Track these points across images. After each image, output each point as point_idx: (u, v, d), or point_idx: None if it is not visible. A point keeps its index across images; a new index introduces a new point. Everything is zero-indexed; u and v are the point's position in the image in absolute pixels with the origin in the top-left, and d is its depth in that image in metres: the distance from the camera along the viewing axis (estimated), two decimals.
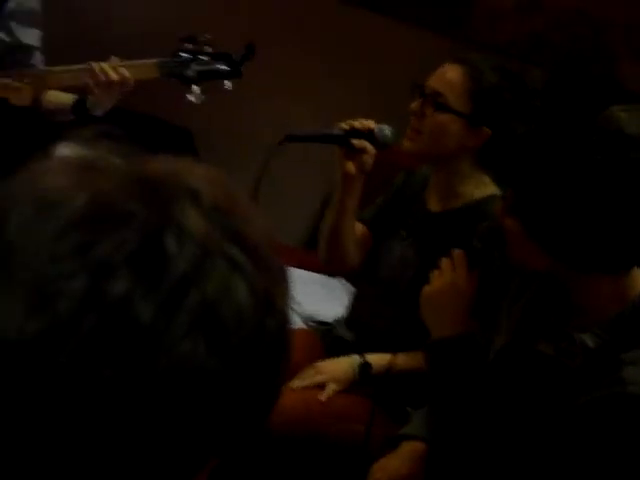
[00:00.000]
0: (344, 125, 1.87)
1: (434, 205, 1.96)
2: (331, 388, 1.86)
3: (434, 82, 1.84)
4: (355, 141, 1.86)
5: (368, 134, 1.86)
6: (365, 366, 1.89)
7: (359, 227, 2.03)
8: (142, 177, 0.53)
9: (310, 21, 3.23)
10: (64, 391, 0.47)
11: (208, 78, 1.94)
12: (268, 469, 1.81)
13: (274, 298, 0.53)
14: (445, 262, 1.57)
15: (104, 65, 1.92)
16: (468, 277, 1.54)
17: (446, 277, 1.55)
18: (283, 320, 0.55)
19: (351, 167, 1.88)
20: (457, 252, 1.57)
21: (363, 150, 1.86)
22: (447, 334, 1.51)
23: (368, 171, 1.90)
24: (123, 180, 0.52)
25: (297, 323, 2.37)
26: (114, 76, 1.91)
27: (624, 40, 3.17)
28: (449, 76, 1.83)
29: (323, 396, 1.85)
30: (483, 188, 1.88)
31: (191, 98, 1.94)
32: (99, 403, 0.48)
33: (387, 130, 1.89)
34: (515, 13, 3.23)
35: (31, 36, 2.14)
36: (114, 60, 1.94)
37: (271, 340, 0.53)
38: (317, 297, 2.51)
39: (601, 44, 2.96)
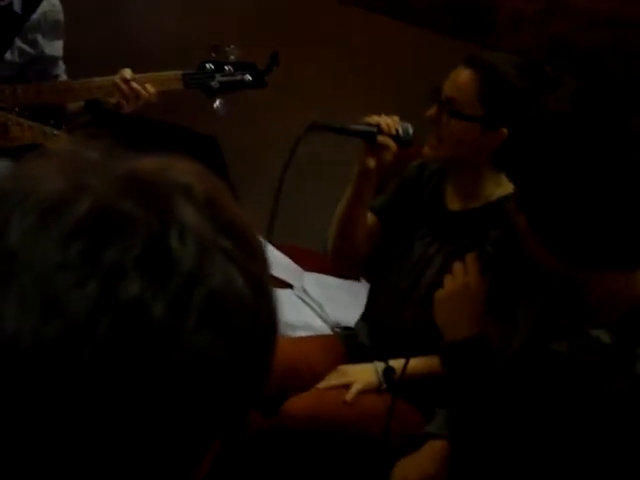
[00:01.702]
0: (370, 120, 1.89)
1: (454, 204, 1.96)
2: (356, 388, 1.87)
3: (447, 88, 1.85)
4: (380, 137, 1.88)
5: (395, 135, 1.89)
6: (389, 371, 1.90)
7: (369, 217, 2.04)
8: (134, 176, 0.54)
9: (337, 30, 3.25)
10: (83, 392, 0.49)
11: (232, 89, 1.96)
12: (286, 464, 1.81)
13: (265, 283, 0.56)
14: (457, 266, 1.58)
15: (132, 82, 1.95)
16: (480, 281, 1.55)
17: (458, 281, 1.56)
18: (273, 303, 0.57)
19: (371, 162, 1.90)
20: (469, 256, 1.58)
21: (386, 147, 1.89)
22: (459, 337, 1.52)
23: (387, 167, 1.92)
24: (117, 180, 0.53)
25: (324, 329, 2.39)
26: (142, 92, 1.94)
27: None
28: (459, 80, 1.83)
29: (348, 396, 1.86)
30: (503, 187, 1.87)
31: (216, 108, 1.96)
32: (116, 399, 0.49)
33: (410, 128, 1.92)
34: (538, 17, 3.23)
35: (55, 47, 2.18)
36: (127, 72, 1.96)
37: (266, 323, 0.56)
38: (341, 302, 2.52)
39: (626, 47, 2.95)
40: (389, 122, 1.89)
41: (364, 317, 2.12)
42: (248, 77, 1.96)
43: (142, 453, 0.51)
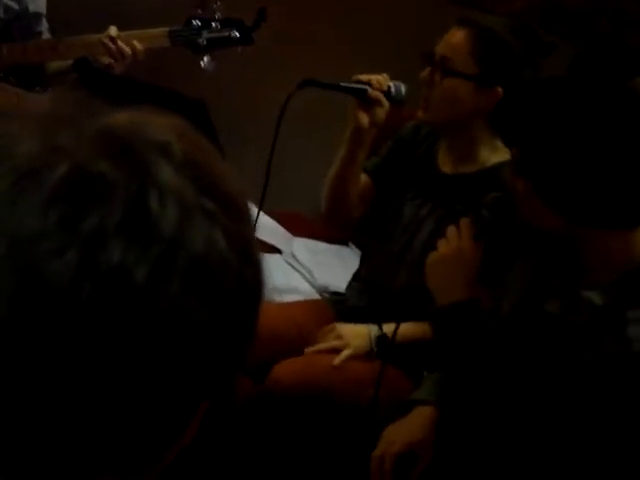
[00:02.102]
0: (362, 77, 1.88)
1: (447, 167, 1.94)
2: (344, 354, 1.87)
3: (441, 48, 1.84)
4: (371, 91, 1.86)
5: (386, 91, 1.88)
6: (382, 337, 1.89)
7: (363, 178, 2.03)
8: (110, 133, 0.52)
9: None
10: (67, 358, 0.48)
11: (219, 45, 1.94)
12: (274, 430, 1.81)
13: (250, 246, 0.55)
14: (451, 230, 1.57)
15: (117, 39, 1.92)
16: (474, 246, 1.54)
17: (452, 244, 1.55)
18: (258, 265, 0.56)
19: (364, 119, 1.88)
20: (463, 220, 1.57)
21: (378, 102, 1.87)
22: (451, 301, 1.52)
23: (380, 125, 1.90)
24: (92, 139, 0.51)
25: (312, 294, 2.38)
26: (127, 49, 1.92)
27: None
28: (454, 40, 1.82)
29: (336, 361, 1.86)
30: (499, 153, 1.86)
31: (204, 66, 1.93)
32: (101, 368, 0.49)
33: (402, 87, 1.90)
34: None
35: (39, 4, 2.15)
36: (113, 30, 1.93)
37: (250, 286, 0.55)
38: (330, 267, 2.51)
39: (617, 9, 2.92)
40: (380, 79, 1.88)
41: (355, 278, 2.11)
42: (235, 34, 1.93)
43: (127, 417, 0.51)
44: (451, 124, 1.88)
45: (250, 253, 0.55)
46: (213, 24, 1.93)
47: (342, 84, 1.89)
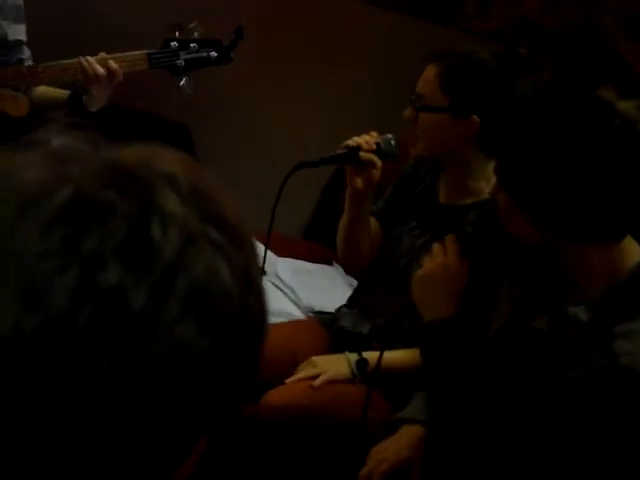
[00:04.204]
0: (350, 142, 1.91)
1: (445, 198, 1.97)
2: (323, 377, 1.87)
3: (418, 87, 1.89)
4: (363, 154, 1.89)
5: (375, 150, 1.90)
6: (362, 362, 1.89)
7: (372, 222, 2.05)
8: (117, 165, 0.53)
9: (306, 11, 3.23)
10: (63, 383, 0.48)
11: (198, 66, 1.94)
12: (264, 453, 1.81)
13: (252, 275, 0.55)
14: (436, 246, 1.58)
15: (90, 59, 1.92)
16: (459, 262, 1.55)
17: (437, 261, 1.56)
18: (261, 295, 0.56)
19: (360, 183, 1.92)
20: (448, 237, 1.58)
21: (371, 164, 1.90)
22: (437, 316, 1.52)
23: (376, 184, 1.94)
24: (99, 170, 0.52)
25: (298, 315, 2.37)
26: (100, 70, 1.91)
27: (616, 22, 3.17)
28: (425, 76, 1.88)
29: (316, 382, 1.86)
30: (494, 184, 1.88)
31: (183, 87, 1.94)
32: (97, 392, 0.48)
33: (392, 140, 1.93)
34: None
35: (19, 31, 2.15)
36: (101, 55, 1.94)
37: (253, 316, 0.55)
38: (315, 287, 2.51)
39: (594, 27, 2.96)
40: (367, 139, 1.91)
41: (350, 305, 2.12)
42: (214, 54, 1.94)
43: (123, 449, 0.50)
44: (440, 157, 1.93)
45: (253, 283, 0.55)
46: (191, 45, 1.94)
47: (332, 155, 1.92)
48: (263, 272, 2.52)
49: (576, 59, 2.82)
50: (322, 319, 2.18)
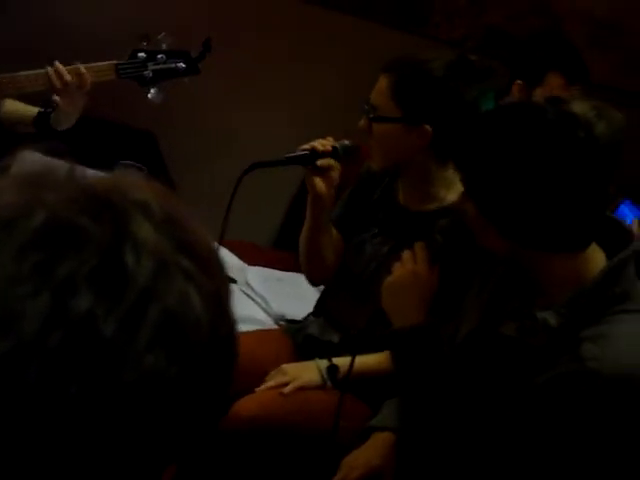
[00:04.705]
0: (306, 146, 1.91)
1: (406, 202, 1.97)
2: (293, 384, 1.86)
3: (372, 98, 1.89)
4: (320, 161, 1.90)
5: (332, 151, 1.91)
6: (332, 369, 1.89)
7: (333, 231, 2.05)
8: (91, 192, 0.53)
9: (273, 19, 3.23)
10: (31, 409, 0.48)
11: (166, 77, 1.94)
12: (237, 463, 1.80)
13: (224, 304, 0.55)
14: (406, 254, 1.59)
15: (59, 66, 1.90)
16: (429, 269, 1.56)
17: (407, 268, 1.56)
18: (232, 324, 0.56)
19: (321, 186, 1.92)
20: (418, 244, 1.59)
21: (330, 168, 1.91)
22: (408, 324, 1.52)
23: (336, 186, 1.94)
24: (74, 196, 0.52)
25: (268, 322, 2.37)
26: (68, 77, 1.89)
27: (580, 30, 3.21)
28: (378, 87, 1.88)
29: (286, 390, 1.85)
30: (456, 190, 1.86)
31: (151, 98, 1.93)
32: (65, 417, 0.48)
33: (348, 143, 1.94)
34: (472, 7, 3.26)
35: None
36: (58, 65, 1.91)
37: (223, 344, 0.55)
38: (286, 295, 2.51)
39: (559, 35, 2.99)
40: (322, 142, 1.92)
41: (316, 313, 2.11)
42: (181, 65, 1.94)
43: (92, 473, 0.50)
44: (397, 166, 1.93)
45: (224, 311, 0.55)
46: (159, 56, 1.93)
47: (288, 157, 1.92)
48: (233, 280, 2.52)
49: (526, 46, 2.86)
50: (289, 328, 2.17)
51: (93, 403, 0.48)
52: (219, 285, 0.55)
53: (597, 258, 1.38)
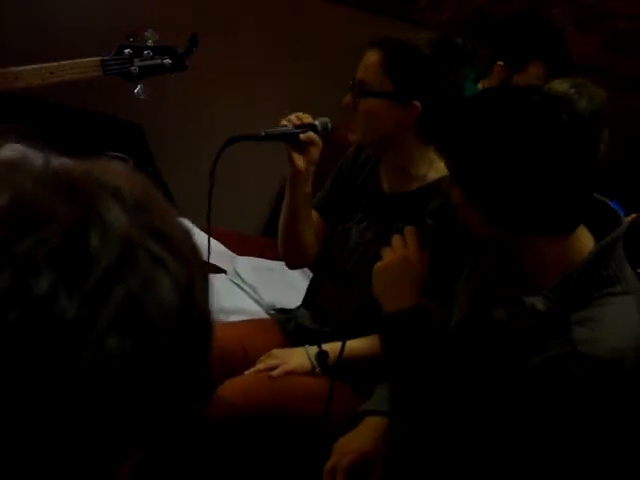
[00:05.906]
0: (285, 122, 1.90)
1: (388, 186, 1.96)
2: (282, 368, 1.87)
3: (358, 73, 1.87)
4: (303, 135, 1.88)
5: (311, 127, 1.90)
6: (322, 355, 1.90)
7: (314, 215, 2.04)
8: (64, 175, 0.53)
9: (258, 11, 3.23)
10: None
11: (152, 73, 1.94)
12: (228, 449, 1.80)
13: (196, 291, 0.55)
14: (396, 238, 1.58)
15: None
16: (420, 253, 1.55)
17: (397, 252, 1.55)
18: (205, 312, 0.56)
19: (302, 162, 1.91)
20: (408, 228, 1.58)
21: (311, 142, 1.90)
22: (398, 308, 1.52)
23: (316, 163, 1.93)
24: (44, 179, 0.52)
25: (259, 312, 2.38)
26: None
27: (565, 13, 3.22)
28: (367, 61, 1.85)
29: (274, 373, 1.86)
30: (437, 168, 1.88)
31: (137, 93, 1.93)
32: (23, 392, 0.48)
33: (328, 122, 1.93)
34: None
35: None
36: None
37: (194, 332, 0.54)
38: (276, 284, 2.51)
39: (541, 18, 3.00)
40: (300, 116, 1.91)
41: (306, 304, 2.11)
42: (168, 61, 1.93)
43: (45, 450, 0.50)
44: (380, 142, 1.91)
45: (196, 297, 0.54)
46: (145, 52, 1.93)
47: (269, 132, 1.90)
48: (222, 270, 2.53)
49: (508, 28, 2.87)
50: (279, 318, 2.17)
51: (51, 379, 0.48)
52: (192, 272, 0.54)
53: (585, 240, 1.39)
